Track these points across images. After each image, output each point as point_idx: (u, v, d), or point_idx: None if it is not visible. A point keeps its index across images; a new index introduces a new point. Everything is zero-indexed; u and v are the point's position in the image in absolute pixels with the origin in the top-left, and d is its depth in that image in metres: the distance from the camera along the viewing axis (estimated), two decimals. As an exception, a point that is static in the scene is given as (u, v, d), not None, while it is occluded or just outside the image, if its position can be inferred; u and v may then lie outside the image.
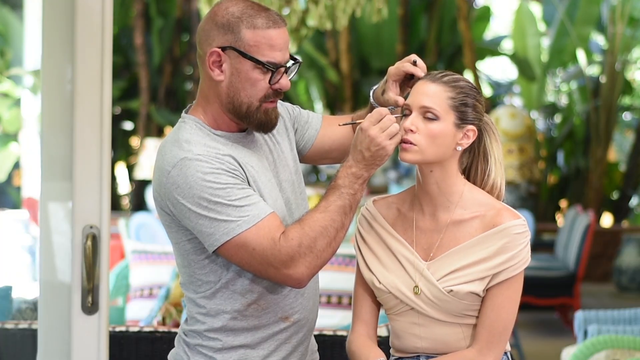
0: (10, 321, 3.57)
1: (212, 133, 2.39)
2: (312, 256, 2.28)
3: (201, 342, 2.42)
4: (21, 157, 10.10)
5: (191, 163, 2.30)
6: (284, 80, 2.38)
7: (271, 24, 2.34)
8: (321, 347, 2.78)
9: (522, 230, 2.41)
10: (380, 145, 2.31)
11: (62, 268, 3.05)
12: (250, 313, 2.39)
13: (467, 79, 2.45)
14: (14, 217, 8.70)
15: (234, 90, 2.36)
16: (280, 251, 2.26)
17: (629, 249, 10.11)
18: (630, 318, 4.79)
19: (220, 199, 2.27)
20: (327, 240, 2.28)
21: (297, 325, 2.46)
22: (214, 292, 2.39)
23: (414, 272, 2.43)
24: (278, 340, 2.43)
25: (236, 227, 2.27)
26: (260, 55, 2.34)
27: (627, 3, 11.43)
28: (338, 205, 2.30)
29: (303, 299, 2.46)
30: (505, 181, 2.52)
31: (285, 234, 2.27)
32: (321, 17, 6.78)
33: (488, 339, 2.40)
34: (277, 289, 2.40)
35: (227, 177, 2.30)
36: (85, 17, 3.00)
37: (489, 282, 2.39)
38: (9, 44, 10.74)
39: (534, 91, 12.56)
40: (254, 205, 2.29)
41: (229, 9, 2.35)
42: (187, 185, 2.30)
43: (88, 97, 3.00)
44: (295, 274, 2.28)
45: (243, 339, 2.40)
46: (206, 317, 2.41)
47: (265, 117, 2.38)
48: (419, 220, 2.47)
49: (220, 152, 2.34)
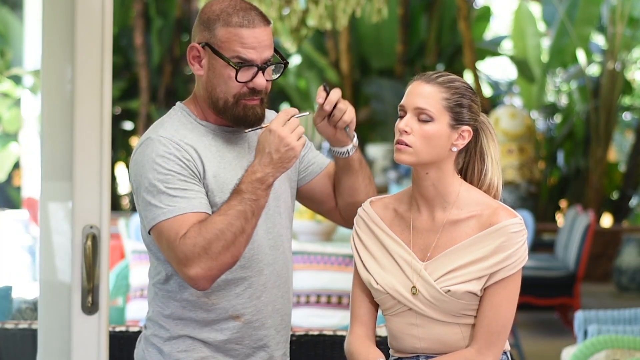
0: (10, 321, 3.57)
1: (195, 121, 2.43)
2: (207, 258, 2.26)
3: (153, 331, 2.44)
4: (21, 157, 10.10)
5: (152, 143, 2.36)
6: (259, 80, 2.38)
7: (245, 23, 2.36)
8: (321, 347, 2.78)
9: (519, 229, 2.40)
10: (290, 145, 2.31)
11: (62, 268, 3.05)
12: (200, 305, 2.40)
13: (462, 80, 2.44)
14: (14, 217, 8.69)
15: (211, 86, 2.40)
16: (177, 248, 2.27)
17: (629, 249, 10.11)
18: (630, 318, 4.79)
19: (159, 183, 2.31)
20: (223, 243, 2.27)
21: (250, 327, 2.43)
22: (166, 277, 2.41)
23: (411, 272, 2.43)
24: (228, 340, 2.41)
25: (160, 214, 2.30)
26: (230, 52, 2.36)
27: (627, 3, 11.43)
28: (238, 210, 2.29)
29: (258, 301, 2.43)
30: (502, 181, 2.52)
31: (185, 234, 2.28)
32: (321, 17, 6.78)
33: (487, 338, 2.40)
34: (230, 286, 2.40)
35: (175, 164, 2.32)
36: (85, 17, 3.00)
37: (486, 282, 2.39)
38: (9, 44, 10.74)
39: (534, 91, 12.56)
40: (185, 199, 2.30)
41: (213, 7, 2.40)
42: (140, 164, 2.36)
43: (88, 97, 3.00)
44: (190, 273, 2.27)
45: (191, 330, 2.40)
46: (159, 303, 2.43)
47: (243, 113, 2.39)
48: (416, 221, 2.47)
49: (185, 140, 2.37)
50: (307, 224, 6.38)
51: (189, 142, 2.37)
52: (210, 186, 2.36)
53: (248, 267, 2.41)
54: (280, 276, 2.47)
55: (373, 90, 12.54)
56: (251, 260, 2.41)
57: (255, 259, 2.42)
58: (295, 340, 3.18)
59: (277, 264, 2.46)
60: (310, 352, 3.16)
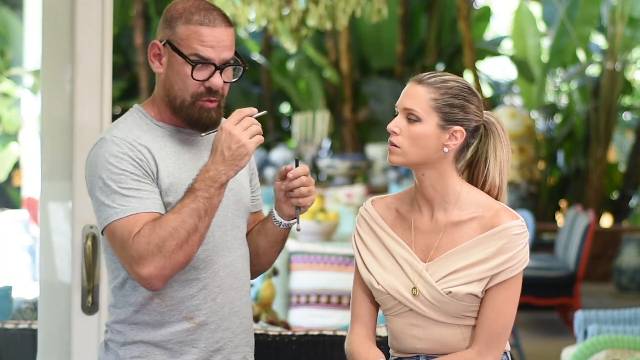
0: (10, 321, 3.57)
1: (151, 122, 2.42)
2: (160, 256, 2.26)
3: (111, 336, 2.43)
4: (21, 157, 10.10)
5: (105, 143, 2.35)
6: (215, 79, 2.38)
7: (206, 22, 2.36)
8: (321, 347, 2.77)
9: (521, 231, 2.40)
10: (241, 142, 2.30)
11: (62, 268, 3.05)
12: (153, 308, 2.38)
13: (459, 80, 2.42)
14: (14, 217, 8.69)
15: (169, 83, 2.40)
16: (131, 246, 2.26)
17: (629, 249, 10.12)
18: (630, 318, 4.79)
19: (112, 183, 2.30)
20: (176, 241, 2.27)
21: (205, 329, 2.41)
22: (122, 281, 2.40)
23: (412, 273, 2.43)
24: (182, 341, 2.40)
25: (113, 214, 2.29)
26: (188, 50, 2.36)
27: (627, 3, 11.43)
28: (191, 208, 2.29)
29: (214, 303, 2.42)
30: (505, 179, 2.50)
31: (139, 232, 2.27)
32: (321, 17, 6.78)
33: (487, 339, 2.40)
34: (184, 287, 2.39)
35: (128, 164, 2.32)
36: (85, 17, 3.00)
37: (487, 283, 2.39)
38: (9, 44, 10.74)
39: (534, 91, 12.56)
40: (138, 199, 2.30)
41: (177, 6, 2.41)
42: (94, 164, 2.34)
43: (88, 97, 3.01)
44: (143, 272, 2.26)
45: (145, 334, 2.39)
46: (115, 308, 2.42)
47: (197, 114, 2.39)
48: (417, 221, 2.47)
49: (139, 140, 2.37)
50: (307, 224, 6.38)
51: (143, 143, 2.37)
52: (164, 187, 2.36)
53: (202, 269, 2.40)
54: (237, 278, 2.46)
55: (373, 90, 12.55)
56: (206, 261, 2.40)
57: (210, 260, 2.41)
58: (295, 340, 3.18)
59: (234, 266, 2.45)
60: (310, 352, 3.16)
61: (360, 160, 11.15)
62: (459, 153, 2.44)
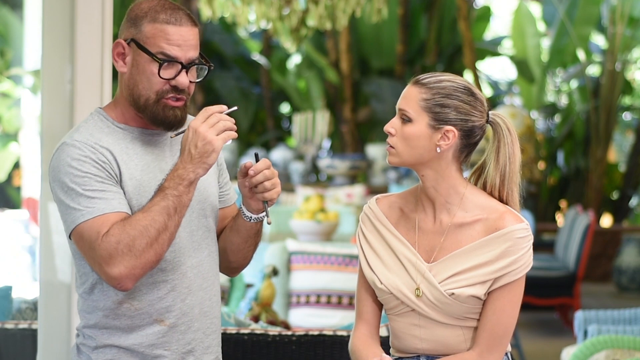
0: (10, 321, 3.57)
1: (113, 125, 2.41)
2: (131, 255, 2.25)
3: (82, 340, 2.43)
4: (21, 157, 10.10)
5: (66, 147, 2.34)
6: (181, 78, 2.37)
7: (172, 20, 2.36)
8: (321, 347, 2.77)
9: (525, 234, 2.40)
10: (207, 139, 2.29)
11: (62, 268, 3.05)
12: (122, 312, 2.37)
13: (456, 80, 2.41)
14: (14, 217, 8.69)
15: (133, 82, 2.38)
16: (100, 246, 2.25)
17: (629, 249, 10.11)
18: (630, 318, 4.79)
19: (75, 186, 2.29)
20: (147, 240, 2.26)
21: (176, 331, 2.40)
22: (91, 286, 2.39)
23: (415, 273, 2.43)
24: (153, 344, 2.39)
25: (80, 216, 2.28)
26: (154, 47, 2.36)
27: (627, 3, 11.43)
28: (161, 205, 2.28)
29: (183, 304, 2.41)
30: (511, 182, 2.47)
31: (107, 231, 2.26)
32: (321, 17, 6.78)
33: (489, 342, 2.40)
34: (153, 290, 2.38)
35: (91, 166, 2.31)
36: (85, 17, 3.00)
37: (490, 286, 2.39)
38: (9, 44, 10.74)
39: (534, 91, 12.56)
40: (104, 200, 2.29)
41: (142, 5, 2.40)
42: (57, 169, 2.33)
43: (88, 97, 3.01)
44: (113, 272, 2.25)
45: (116, 339, 2.38)
46: (85, 313, 2.42)
47: (162, 112, 2.38)
48: (422, 222, 2.46)
49: (100, 143, 2.36)
50: (307, 224, 6.37)
51: (104, 145, 2.36)
52: (127, 188, 2.35)
53: (170, 270, 2.39)
54: (206, 279, 2.45)
55: (373, 90, 12.55)
56: (173, 262, 2.39)
57: (178, 262, 2.40)
58: (295, 340, 3.18)
59: (202, 267, 2.45)
60: (310, 352, 3.16)
61: (360, 160, 11.16)
62: (459, 154, 2.43)
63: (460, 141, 2.40)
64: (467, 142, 2.42)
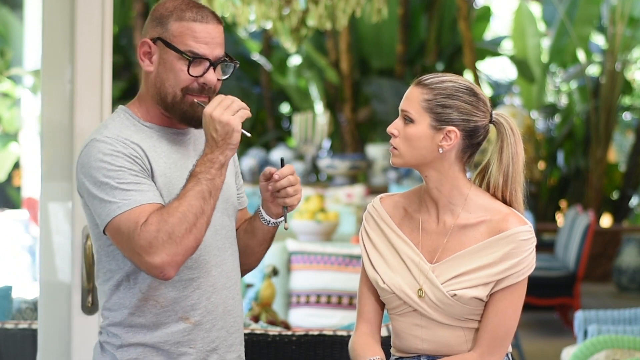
0: (10, 321, 3.57)
1: (139, 123, 2.42)
2: (172, 242, 2.25)
3: (107, 338, 2.42)
4: (21, 157, 10.10)
5: (97, 144, 2.34)
6: (209, 75, 2.38)
7: (199, 18, 2.37)
8: (321, 347, 2.78)
9: (528, 236, 2.39)
10: (224, 121, 2.30)
11: (62, 268, 3.05)
12: (148, 309, 2.38)
13: (458, 80, 2.41)
14: (14, 217, 8.69)
15: (160, 81, 2.39)
16: (140, 236, 2.24)
17: (629, 249, 10.12)
18: (630, 318, 4.79)
19: (109, 180, 2.29)
20: (186, 225, 2.26)
21: (201, 329, 2.41)
22: (117, 283, 2.39)
23: (418, 274, 2.43)
24: (178, 342, 2.39)
25: (116, 208, 2.28)
26: (183, 45, 2.36)
27: (627, 3, 11.43)
28: (196, 190, 2.28)
29: (208, 302, 2.42)
30: (515, 181, 2.46)
31: (146, 221, 2.26)
32: (321, 17, 6.77)
33: (490, 343, 2.40)
34: (179, 288, 2.39)
35: (124, 160, 2.31)
36: (85, 17, 3.00)
37: (493, 288, 2.39)
38: (9, 44, 10.74)
39: (534, 91, 12.56)
40: (139, 192, 2.29)
41: (166, 4, 2.41)
42: (88, 165, 2.33)
43: (88, 97, 3.01)
44: (155, 261, 2.24)
45: (142, 336, 2.38)
46: (109, 311, 2.41)
47: (190, 109, 2.39)
48: (425, 222, 2.46)
49: (130, 139, 2.36)
50: (307, 224, 6.37)
51: (135, 141, 2.37)
52: (157, 185, 2.36)
53: (196, 268, 2.40)
54: (229, 277, 2.46)
55: (373, 90, 12.54)
56: (199, 261, 2.40)
57: (203, 260, 2.41)
58: (295, 340, 3.18)
59: (225, 266, 2.45)
60: (310, 352, 3.16)
61: (360, 160, 11.15)
62: (462, 154, 2.43)
63: (463, 142, 2.40)
64: (470, 142, 2.42)
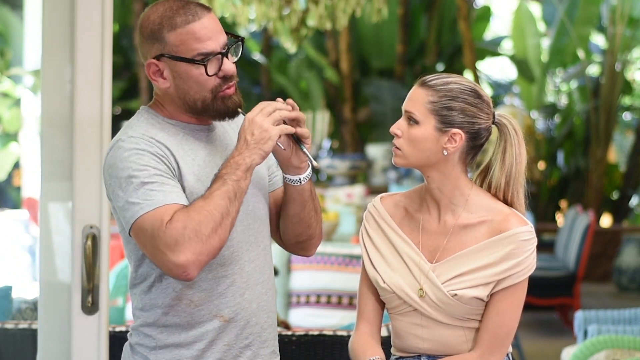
0: (10, 321, 3.57)
1: (163, 121, 2.41)
2: (197, 241, 2.23)
3: (138, 340, 2.42)
4: (21, 157, 10.10)
5: (122, 144, 2.33)
6: (227, 66, 2.37)
7: (190, 18, 2.34)
8: (321, 347, 2.78)
9: (529, 237, 2.39)
10: (263, 127, 2.30)
11: (62, 268, 3.05)
12: (182, 309, 2.37)
13: (462, 81, 2.40)
14: (14, 217, 8.69)
15: (183, 92, 2.38)
16: (165, 233, 2.23)
17: (629, 249, 10.12)
18: (630, 318, 4.79)
19: (134, 179, 2.28)
20: (212, 225, 2.25)
21: (235, 326, 2.40)
22: (150, 285, 2.38)
23: (419, 273, 2.43)
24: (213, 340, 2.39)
25: (139, 209, 2.27)
26: (189, 52, 2.34)
27: (627, 3, 11.43)
28: (222, 190, 2.27)
29: (242, 299, 2.40)
30: (517, 182, 2.46)
31: (171, 218, 2.24)
32: (321, 17, 6.78)
33: (490, 343, 2.40)
34: (212, 285, 2.38)
35: (150, 159, 2.30)
36: (85, 17, 3.00)
37: (493, 288, 2.39)
38: (9, 44, 10.74)
39: (534, 91, 12.56)
40: (162, 193, 2.28)
41: (150, 19, 2.37)
42: (114, 166, 2.32)
43: (88, 97, 3.00)
44: (179, 259, 2.22)
45: (176, 337, 2.37)
46: (142, 312, 2.41)
47: (223, 105, 2.38)
48: (426, 222, 2.46)
49: (156, 137, 2.36)
50: (307, 224, 6.36)
51: (161, 140, 2.36)
52: (187, 183, 2.35)
53: (229, 265, 2.39)
54: (262, 273, 2.45)
55: (373, 91, 12.55)
56: (231, 257, 2.39)
57: (236, 256, 2.40)
58: (295, 340, 3.18)
59: (258, 261, 2.44)
60: (310, 352, 3.16)
61: (360, 160, 11.16)
62: (466, 155, 2.43)
63: (467, 143, 2.40)
64: (474, 144, 2.42)
